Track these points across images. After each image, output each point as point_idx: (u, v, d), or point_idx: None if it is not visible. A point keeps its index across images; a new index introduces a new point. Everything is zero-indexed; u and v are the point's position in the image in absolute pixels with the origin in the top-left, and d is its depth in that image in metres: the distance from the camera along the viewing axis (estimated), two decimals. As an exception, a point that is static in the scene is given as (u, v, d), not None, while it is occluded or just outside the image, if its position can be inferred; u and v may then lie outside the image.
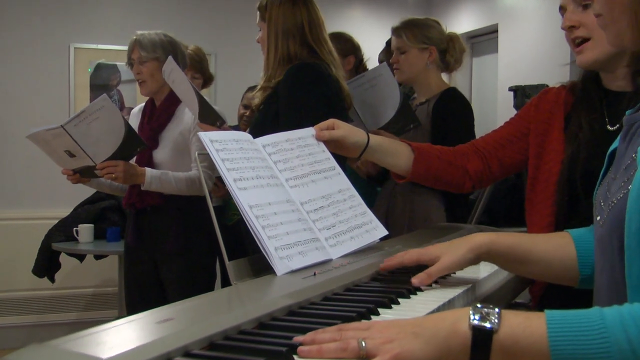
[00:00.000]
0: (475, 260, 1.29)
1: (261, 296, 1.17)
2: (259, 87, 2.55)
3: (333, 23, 2.64)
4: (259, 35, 2.61)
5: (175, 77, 2.67)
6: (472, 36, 6.06)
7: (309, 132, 1.71)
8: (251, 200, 1.37)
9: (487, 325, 0.87)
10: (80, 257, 4.54)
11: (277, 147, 1.59)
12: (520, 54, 5.24)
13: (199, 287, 3.19)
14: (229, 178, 1.36)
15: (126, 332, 0.91)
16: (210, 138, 1.41)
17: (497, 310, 0.89)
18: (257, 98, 2.54)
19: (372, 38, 5.35)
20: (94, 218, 4.44)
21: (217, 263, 3.32)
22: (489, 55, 5.93)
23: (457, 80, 3.13)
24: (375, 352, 0.87)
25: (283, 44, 2.49)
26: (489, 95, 5.83)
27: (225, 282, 3.88)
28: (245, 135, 1.54)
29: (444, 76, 3.08)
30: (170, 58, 2.71)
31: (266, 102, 2.47)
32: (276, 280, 1.27)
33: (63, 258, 4.47)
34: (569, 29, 1.68)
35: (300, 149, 1.64)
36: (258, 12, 2.60)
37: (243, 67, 5.50)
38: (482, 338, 0.87)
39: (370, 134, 1.81)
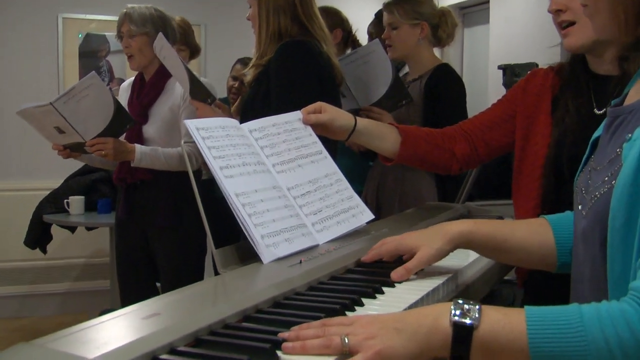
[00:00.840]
0: (452, 249, 1.30)
1: (246, 287, 1.19)
2: (250, 64, 2.55)
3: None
4: (249, 13, 2.60)
5: (166, 53, 2.67)
6: (464, 7, 6.02)
7: (296, 115, 1.72)
8: (237, 188, 1.38)
9: (468, 321, 0.89)
10: (72, 228, 4.55)
11: (263, 132, 1.59)
12: (511, 25, 5.22)
13: (189, 261, 3.22)
14: (215, 166, 1.37)
15: (112, 329, 0.93)
16: (197, 126, 1.42)
17: (477, 306, 0.91)
18: (249, 75, 2.53)
19: (362, 8, 5.32)
20: (85, 190, 4.44)
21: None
22: (480, 26, 5.90)
23: (448, 52, 3.13)
24: (357, 348, 0.89)
25: (274, 20, 2.48)
26: (480, 65, 5.82)
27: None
28: (232, 122, 1.54)
29: (436, 50, 3.07)
30: (160, 35, 2.70)
31: (257, 79, 2.47)
32: (262, 269, 1.29)
33: (54, 229, 4.48)
34: (556, 12, 1.68)
35: (287, 133, 1.65)
36: None
37: (232, 39, 5.46)
38: (462, 334, 0.89)
39: (357, 117, 1.81)
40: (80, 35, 5.24)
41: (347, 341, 0.89)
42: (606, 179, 1.01)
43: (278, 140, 1.60)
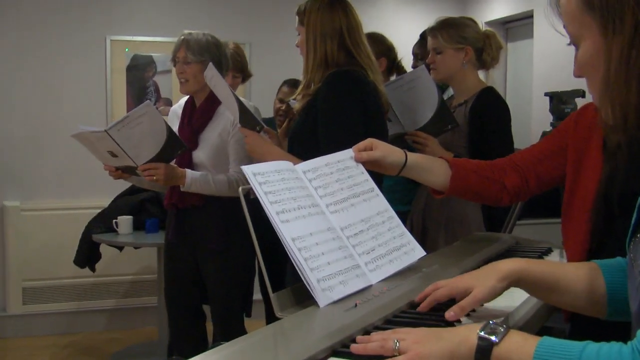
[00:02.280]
0: (506, 288, 1.32)
1: (305, 335, 1.22)
2: (298, 91, 2.60)
3: (365, 14, 2.66)
4: (298, 40, 2.65)
5: (216, 82, 2.72)
6: (507, 21, 6.01)
7: (348, 154, 1.75)
8: (293, 233, 1.41)
9: (492, 338, 1.03)
10: (120, 247, 4.65)
11: (317, 173, 1.63)
12: (556, 40, 5.18)
13: (237, 284, 3.28)
14: (271, 211, 1.41)
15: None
16: (253, 171, 1.46)
17: (504, 327, 1.05)
18: (297, 103, 2.58)
19: (405, 29, 5.35)
20: (133, 209, 4.52)
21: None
22: (523, 41, 5.88)
23: (492, 72, 3.13)
24: (405, 350, 1.07)
25: (321, 47, 2.52)
26: (524, 82, 5.80)
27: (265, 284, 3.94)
28: (287, 164, 1.58)
29: (481, 72, 3.08)
30: (210, 65, 2.75)
31: (305, 108, 2.52)
32: (319, 314, 1.32)
33: (103, 247, 4.57)
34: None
35: (340, 172, 1.68)
36: (297, 17, 2.63)
37: (277, 58, 5.53)
38: (484, 347, 1.03)
39: (407, 152, 1.84)
40: (127, 50, 5.34)
41: (397, 345, 1.07)
42: None
43: (331, 180, 1.64)
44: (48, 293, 5.14)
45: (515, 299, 1.46)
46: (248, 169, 1.46)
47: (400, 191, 3.19)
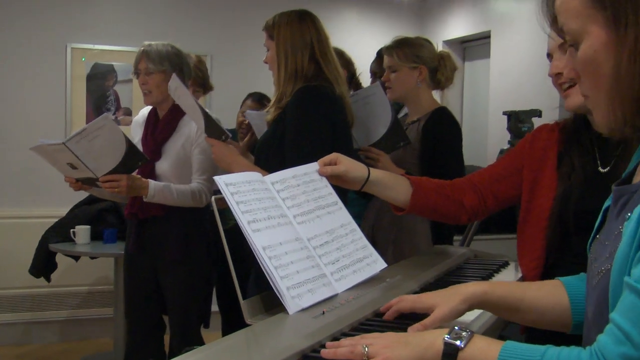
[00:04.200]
0: (468, 309, 1.38)
1: (276, 340, 1.26)
2: (270, 104, 2.64)
3: (328, 26, 2.72)
4: (266, 56, 2.69)
5: (180, 93, 2.75)
6: (464, 41, 6.15)
7: (314, 167, 1.80)
8: (264, 242, 1.46)
9: (457, 342, 1.08)
10: (76, 256, 4.61)
11: (285, 184, 1.68)
12: (512, 59, 5.34)
13: (197, 296, 3.29)
14: (243, 221, 1.45)
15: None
16: (225, 181, 1.50)
17: (469, 332, 1.09)
18: (269, 114, 2.62)
19: (364, 45, 5.43)
20: (91, 219, 4.49)
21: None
22: (480, 60, 6.02)
23: (447, 93, 3.22)
24: (374, 354, 1.12)
25: (292, 60, 2.57)
26: (481, 101, 5.93)
27: (223, 290, 3.96)
28: (257, 175, 1.63)
29: (437, 92, 3.16)
30: (174, 75, 2.78)
31: (276, 120, 2.57)
32: (288, 320, 1.37)
33: (59, 257, 4.53)
34: (556, 75, 1.77)
35: (306, 184, 1.73)
36: (265, 33, 2.67)
37: (239, 69, 5.57)
38: (450, 352, 1.08)
39: (370, 168, 1.89)
40: (83, 59, 5.31)
41: (367, 350, 1.12)
42: (607, 256, 1.09)
43: (298, 192, 1.69)
44: (2, 303, 5.06)
45: (474, 310, 1.52)
46: (220, 180, 1.50)
47: (356, 205, 3.24)
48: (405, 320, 1.38)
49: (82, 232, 4.35)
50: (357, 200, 3.20)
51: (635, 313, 0.92)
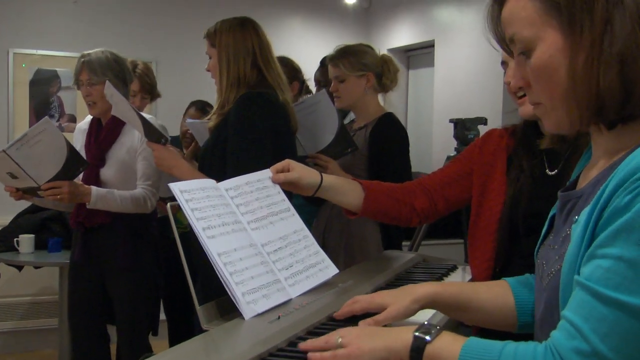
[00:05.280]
0: (419, 309, 1.41)
1: (233, 345, 1.28)
2: (213, 111, 2.64)
3: (273, 34, 2.75)
4: (208, 64, 2.69)
5: (117, 100, 2.73)
6: (409, 49, 6.24)
7: (266, 174, 1.82)
8: (219, 248, 1.47)
9: (426, 337, 1.11)
10: (19, 266, 4.51)
11: (238, 191, 1.69)
12: (455, 68, 5.44)
13: (146, 303, 3.27)
14: (198, 227, 1.46)
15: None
16: (180, 188, 1.51)
17: (437, 328, 1.12)
18: (211, 121, 2.62)
19: (312, 49, 5.47)
20: (35, 228, 4.41)
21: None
22: (425, 69, 6.12)
23: (392, 95, 3.27)
24: (347, 344, 1.16)
25: (234, 67, 2.58)
26: (425, 108, 6.03)
27: (170, 298, 3.93)
28: (211, 182, 1.64)
29: (380, 98, 3.22)
30: (108, 83, 2.77)
31: (218, 127, 2.57)
32: (245, 325, 1.38)
33: (2, 266, 4.43)
34: (510, 84, 1.83)
35: (259, 191, 1.75)
36: (207, 40, 2.68)
37: (185, 75, 5.54)
38: (418, 345, 1.11)
39: (322, 174, 1.92)
40: (24, 65, 5.22)
41: (339, 341, 1.17)
42: (557, 257, 1.13)
43: (251, 199, 1.70)
44: (-60, 314, 4.93)
45: (427, 311, 1.55)
46: (175, 187, 1.51)
47: (304, 212, 3.27)
48: (358, 321, 1.41)
49: (25, 241, 4.26)
50: (304, 207, 3.23)
51: (586, 309, 0.95)
